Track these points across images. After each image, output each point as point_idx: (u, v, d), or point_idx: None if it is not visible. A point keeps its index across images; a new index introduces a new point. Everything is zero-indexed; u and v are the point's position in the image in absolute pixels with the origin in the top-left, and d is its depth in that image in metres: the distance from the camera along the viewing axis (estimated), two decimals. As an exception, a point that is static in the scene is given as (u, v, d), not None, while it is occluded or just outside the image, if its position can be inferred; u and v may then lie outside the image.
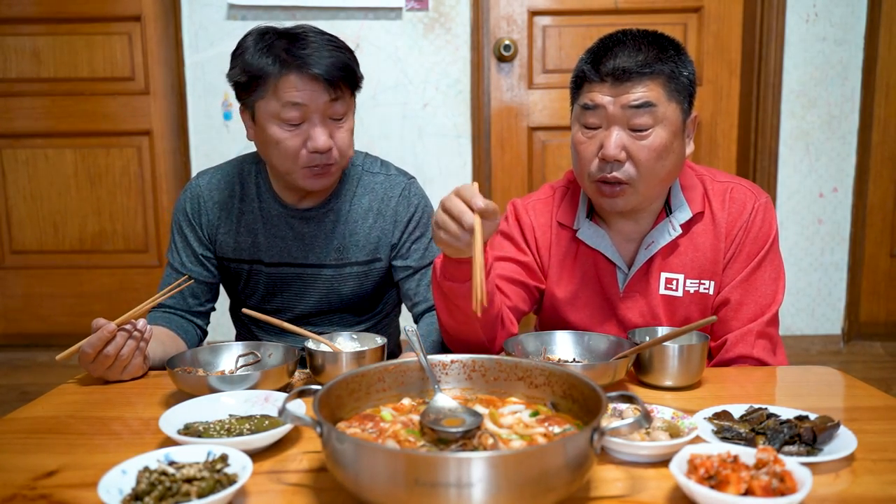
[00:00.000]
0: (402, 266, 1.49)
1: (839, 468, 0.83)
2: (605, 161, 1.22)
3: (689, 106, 1.26)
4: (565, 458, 0.68)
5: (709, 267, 1.32)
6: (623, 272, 1.35)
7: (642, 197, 1.26)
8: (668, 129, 1.21)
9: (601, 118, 1.23)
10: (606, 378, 1.06)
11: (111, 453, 0.90)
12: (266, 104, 1.30)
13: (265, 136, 1.32)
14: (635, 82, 1.19)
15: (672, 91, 1.21)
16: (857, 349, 2.90)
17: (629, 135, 1.21)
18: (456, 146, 2.81)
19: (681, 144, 1.26)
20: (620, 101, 1.20)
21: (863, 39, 2.74)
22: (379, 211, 1.47)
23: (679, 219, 1.31)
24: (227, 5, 2.70)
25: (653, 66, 1.19)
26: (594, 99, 1.22)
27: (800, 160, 2.82)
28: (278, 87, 1.28)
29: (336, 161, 1.35)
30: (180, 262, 1.48)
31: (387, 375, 0.93)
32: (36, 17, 2.76)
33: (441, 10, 2.72)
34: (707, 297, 1.32)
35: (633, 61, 1.19)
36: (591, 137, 1.25)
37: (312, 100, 1.28)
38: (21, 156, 2.86)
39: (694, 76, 1.25)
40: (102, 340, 1.13)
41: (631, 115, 1.20)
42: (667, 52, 1.22)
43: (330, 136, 1.32)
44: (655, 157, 1.21)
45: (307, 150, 1.31)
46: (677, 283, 1.32)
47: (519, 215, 1.43)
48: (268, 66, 1.27)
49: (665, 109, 1.21)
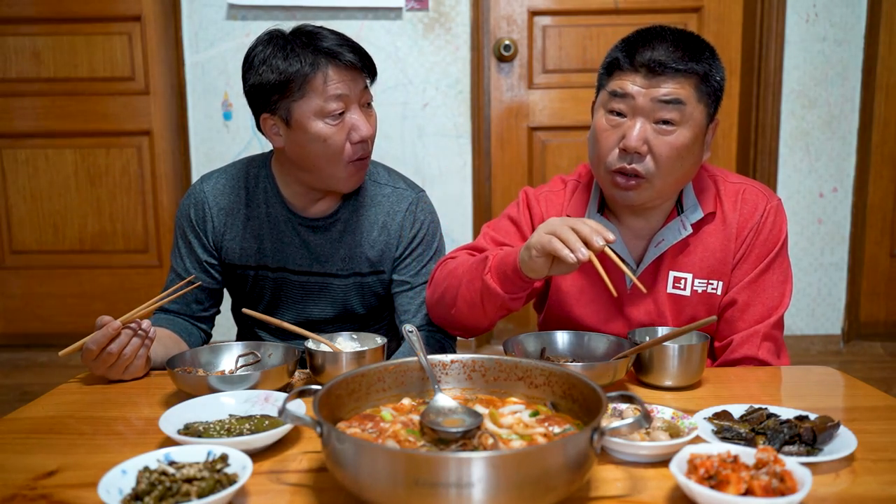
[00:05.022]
0: (399, 280, 1.48)
1: (839, 468, 0.83)
2: (625, 152, 1.23)
3: (714, 111, 1.27)
4: (565, 458, 0.68)
5: (718, 267, 1.32)
6: (631, 269, 1.34)
7: (656, 194, 1.26)
8: (692, 130, 1.22)
9: (629, 107, 1.22)
10: (606, 378, 1.06)
11: (111, 453, 0.90)
12: (307, 103, 1.29)
13: (307, 136, 1.31)
14: (668, 77, 1.19)
15: (702, 93, 1.22)
16: (857, 349, 2.90)
17: (653, 129, 1.21)
18: (456, 146, 2.81)
19: (700, 148, 1.26)
20: (651, 94, 1.20)
21: (863, 39, 2.74)
22: (384, 224, 1.46)
23: (690, 218, 1.31)
24: (227, 5, 2.70)
25: (688, 63, 1.20)
26: (625, 87, 1.22)
27: (800, 160, 2.82)
28: (319, 82, 1.28)
29: (371, 152, 1.39)
30: (184, 268, 1.47)
31: (387, 375, 0.93)
32: (36, 17, 2.76)
33: (441, 10, 2.72)
34: (714, 297, 1.32)
35: (670, 56, 1.19)
36: (615, 126, 1.24)
37: (351, 89, 1.31)
38: (21, 156, 2.86)
39: (724, 82, 1.26)
40: (107, 337, 1.13)
41: (659, 109, 1.20)
42: (703, 54, 1.22)
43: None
44: (676, 156, 1.22)
45: (351, 141, 1.33)
46: (685, 282, 1.32)
47: (530, 203, 1.43)
48: (306, 64, 1.27)
49: (693, 110, 1.21)
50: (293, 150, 1.36)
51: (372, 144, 1.38)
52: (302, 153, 1.35)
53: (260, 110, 1.35)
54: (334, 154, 1.32)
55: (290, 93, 1.29)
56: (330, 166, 1.34)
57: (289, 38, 1.31)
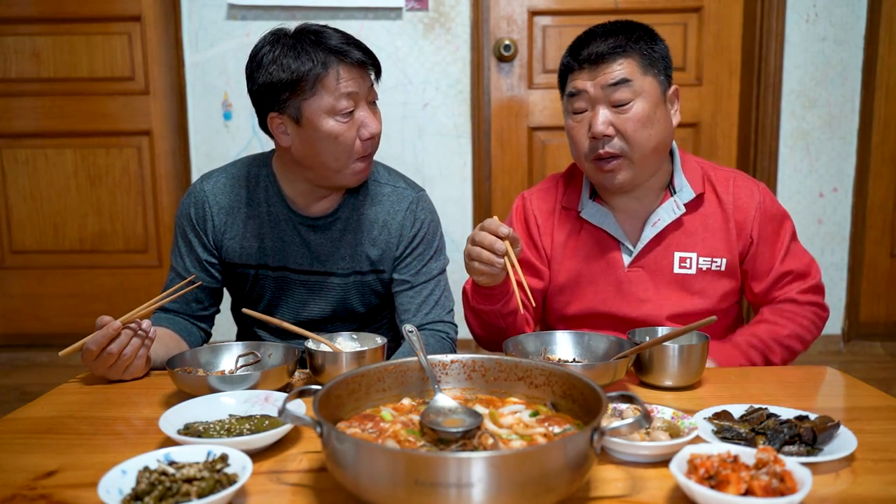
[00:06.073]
0: (399, 280, 1.48)
1: (839, 468, 0.83)
2: (595, 139, 1.32)
3: (667, 79, 1.35)
4: (565, 458, 0.68)
5: (720, 245, 1.39)
6: (628, 249, 1.41)
7: (638, 168, 1.34)
8: (647, 101, 1.31)
9: (586, 101, 1.33)
10: (606, 378, 1.06)
11: (111, 453, 0.90)
12: (317, 101, 1.30)
13: (317, 134, 1.32)
14: (609, 62, 1.30)
15: (646, 66, 1.31)
16: (857, 349, 2.90)
17: (613, 111, 1.31)
18: (456, 146, 2.81)
19: (664, 114, 1.35)
20: (599, 82, 1.31)
21: (863, 39, 2.74)
22: (385, 223, 1.46)
23: (683, 198, 1.39)
24: (227, 5, 2.70)
25: (624, 46, 1.31)
26: (577, 85, 1.34)
27: (800, 160, 2.82)
28: (331, 80, 1.29)
29: (377, 148, 1.40)
30: (184, 267, 1.47)
31: (387, 375, 0.93)
32: (36, 17, 2.76)
33: (441, 10, 2.72)
34: (720, 273, 1.39)
35: (606, 45, 1.31)
36: (580, 122, 1.35)
37: (360, 86, 1.32)
38: (21, 156, 2.86)
39: (667, 52, 1.36)
40: (107, 338, 1.13)
41: (610, 93, 1.30)
42: (635, 33, 1.33)
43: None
44: (640, 127, 1.31)
45: (360, 138, 1.34)
46: (691, 261, 1.39)
47: (525, 205, 1.52)
48: (317, 63, 1.28)
49: (641, 83, 1.31)
50: (301, 149, 1.36)
51: (378, 140, 1.40)
52: (311, 151, 1.35)
53: (267, 109, 1.35)
54: (345, 151, 1.34)
55: (302, 91, 1.29)
56: (339, 163, 1.35)
57: (297, 38, 1.31)
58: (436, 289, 1.49)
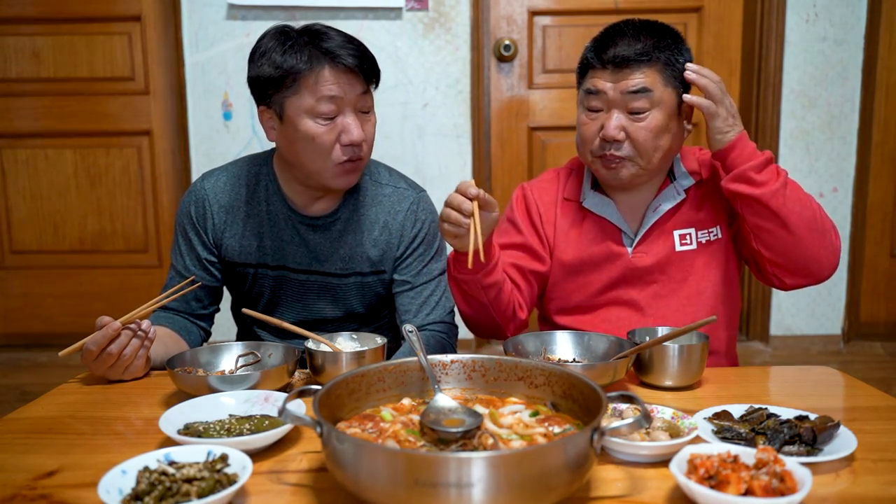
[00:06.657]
0: (400, 280, 1.48)
1: (839, 468, 0.83)
2: (605, 141, 1.32)
3: (686, 90, 1.34)
4: (565, 458, 0.68)
5: (714, 215, 1.41)
6: (630, 237, 1.41)
7: (642, 170, 1.35)
8: (664, 112, 1.31)
9: (603, 102, 1.33)
10: (606, 378, 1.06)
11: (111, 453, 0.90)
12: (299, 100, 1.30)
13: (297, 133, 1.32)
14: (633, 69, 1.29)
15: (668, 77, 1.30)
16: (857, 349, 2.90)
17: (628, 117, 1.31)
18: (456, 146, 2.81)
19: (678, 124, 1.35)
20: (620, 87, 1.30)
21: (863, 39, 2.74)
22: (385, 224, 1.46)
23: (683, 185, 1.41)
24: (227, 5, 2.70)
25: (650, 54, 1.29)
26: (596, 85, 1.33)
27: (800, 160, 2.82)
28: (313, 81, 1.29)
29: (364, 156, 1.38)
30: (184, 265, 1.47)
31: (387, 375, 0.93)
32: (36, 17, 2.75)
33: (441, 10, 2.72)
34: (718, 241, 1.40)
35: (632, 50, 1.29)
36: (593, 119, 1.35)
37: (346, 92, 1.31)
38: (21, 156, 2.85)
39: (691, 61, 1.33)
40: (106, 338, 1.13)
41: (629, 100, 1.30)
42: (664, 41, 1.31)
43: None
44: (652, 137, 1.31)
45: (341, 143, 1.33)
46: (690, 236, 1.41)
47: (525, 194, 1.51)
48: (301, 62, 1.28)
49: (661, 94, 1.30)
50: (283, 145, 1.37)
51: (368, 149, 1.38)
52: (291, 149, 1.36)
53: (258, 102, 1.36)
54: (321, 154, 1.33)
55: (284, 88, 1.30)
56: (316, 164, 1.34)
57: (292, 35, 1.31)
58: (436, 289, 1.49)
